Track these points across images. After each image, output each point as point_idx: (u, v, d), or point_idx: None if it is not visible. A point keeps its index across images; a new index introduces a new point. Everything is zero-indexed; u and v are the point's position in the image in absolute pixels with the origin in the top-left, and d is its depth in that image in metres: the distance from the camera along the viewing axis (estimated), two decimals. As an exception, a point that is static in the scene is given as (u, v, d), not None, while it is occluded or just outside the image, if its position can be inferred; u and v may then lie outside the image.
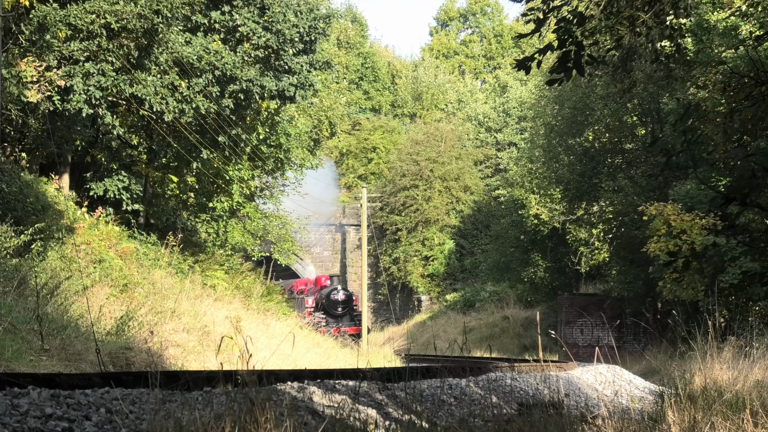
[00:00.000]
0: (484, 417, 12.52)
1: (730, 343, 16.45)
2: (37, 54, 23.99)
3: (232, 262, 35.34)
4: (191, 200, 32.95)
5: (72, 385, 8.75)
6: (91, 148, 29.61)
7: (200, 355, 20.08)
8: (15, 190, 22.80)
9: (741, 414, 9.62)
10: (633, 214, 39.19)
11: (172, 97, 26.48)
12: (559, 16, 9.81)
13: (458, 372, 17.34)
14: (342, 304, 49.17)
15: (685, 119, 15.17)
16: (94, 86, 25.16)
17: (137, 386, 9.25)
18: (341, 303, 49.12)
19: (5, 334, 14.42)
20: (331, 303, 49.14)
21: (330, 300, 49.29)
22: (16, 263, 18.72)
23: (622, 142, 45.52)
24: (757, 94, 9.15)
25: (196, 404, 8.77)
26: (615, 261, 44.93)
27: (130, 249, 25.90)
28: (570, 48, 9.61)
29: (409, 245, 71.34)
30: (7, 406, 7.53)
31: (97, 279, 21.79)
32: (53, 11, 24.15)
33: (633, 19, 10.68)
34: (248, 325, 25.33)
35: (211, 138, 29.31)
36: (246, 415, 7.72)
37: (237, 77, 28.14)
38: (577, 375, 22.75)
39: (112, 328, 18.45)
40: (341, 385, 12.04)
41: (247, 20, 29.69)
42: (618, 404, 13.98)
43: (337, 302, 49.03)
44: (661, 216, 32.24)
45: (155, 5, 25.00)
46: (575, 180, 45.52)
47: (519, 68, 9.71)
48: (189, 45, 27.67)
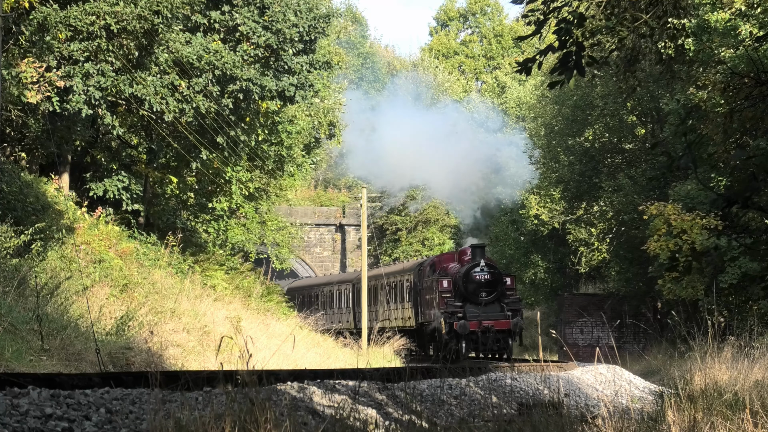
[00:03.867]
0: (484, 417, 12.57)
1: (730, 343, 16.48)
2: (37, 55, 24.06)
3: (232, 262, 35.36)
4: (191, 200, 32.98)
5: (72, 385, 8.78)
6: (91, 149, 29.66)
7: (200, 355, 20.16)
8: (15, 190, 22.82)
9: (741, 414, 9.64)
10: (633, 214, 39.29)
11: (172, 97, 26.55)
12: (560, 17, 9.87)
13: (458, 372, 17.34)
14: (486, 287, 35.40)
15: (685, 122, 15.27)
16: (93, 87, 25.24)
17: (137, 386, 9.30)
18: (485, 285, 35.37)
19: (5, 334, 14.47)
20: (471, 285, 35.46)
21: (469, 279, 35.52)
22: (16, 263, 18.75)
23: (621, 142, 45.58)
24: (757, 94, 9.27)
25: (196, 404, 8.82)
26: (615, 261, 44.97)
27: (130, 249, 25.93)
28: (570, 49, 9.66)
29: (409, 245, 71.37)
30: (7, 406, 7.56)
31: (97, 279, 21.81)
32: (53, 12, 24.21)
33: (634, 19, 10.71)
34: (248, 325, 25.37)
35: (211, 138, 29.34)
36: (246, 415, 7.78)
37: (237, 77, 28.19)
38: (577, 375, 22.85)
39: (112, 328, 18.50)
40: (341, 385, 12.15)
41: (247, 20, 29.74)
42: (618, 404, 13.80)
43: (480, 284, 35.34)
44: (662, 216, 32.32)
45: (155, 6, 25.05)
46: (575, 180, 45.57)
47: (520, 71, 9.84)
48: (189, 45, 27.71)
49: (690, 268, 19.83)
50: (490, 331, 34.21)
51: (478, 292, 35.06)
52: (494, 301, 35.27)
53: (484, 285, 35.15)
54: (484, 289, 35.14)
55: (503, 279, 36.06)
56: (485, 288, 35.13)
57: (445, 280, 36.68)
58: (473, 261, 35.97)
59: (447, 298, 35.88)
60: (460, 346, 33.91)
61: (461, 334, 34.03)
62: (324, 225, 73.17)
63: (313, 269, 71.50)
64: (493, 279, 35.41)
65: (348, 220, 73.47)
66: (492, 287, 35.20)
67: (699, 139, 15.66)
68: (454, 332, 34.17)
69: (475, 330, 34.04)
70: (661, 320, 38.80)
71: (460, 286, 35.31)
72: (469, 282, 35.22)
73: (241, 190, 34.38)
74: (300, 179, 44.80)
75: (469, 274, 35.37)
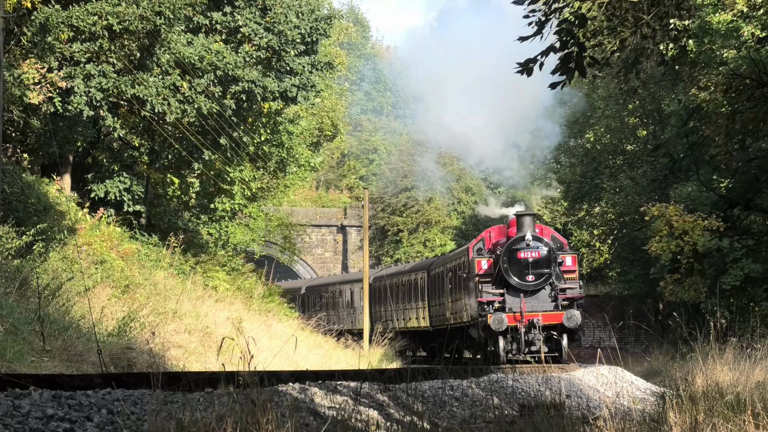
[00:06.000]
0: (486, 418, 12.63)
1: (732, 344, 16.51)
2: (39, 56, 24.09)
3: (233, 263, 35.40)
4: (192, 201, 33.03)
5: (73, 386, 8.81)
6: (93, 149, 29.72)
7: (202, 356, 20.33)
8: (17, 191, 22.88)
9: (742, 415, 9.68)
10: (634, 215, 39.31)
11: (174, 98, 26.66)
12: (561, 18, 9.88)
13: (460, 373, 17.37)
14: (535, 268, 28.42)
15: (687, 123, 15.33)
16: (95, 88, 25.36)
17: (139, 387, 9.34)
18: (533, 265, 28.40)
19: (7, 335, 14.55)
20: (514, 266, 28.51)
21: (512, 259, 28.55)
22: (17, 264, 18.80)
23: (623, 143, 45.68)
24: (759, 95, 9.27)
25: (198, 405, 8.87)
26: (616, 262, 45.02)
27: (131, 250, 26.01)
28: (572, 49, 9.67)
29: (410, 246, 71.43)
30: (8, 407, 7.59)
31: (98, 280, 21.86)
32: (55, 13, 24.27)
33: (636, 20, 10.71)
34: (250, 326, 25.47)
35: (213, 139, 29.41)
36: (247, 416, 7.83)
37: (239, 78, 28.27)
38: (578, 376, 22.87)
39: (113, 329, 18.58)
40: (343, 386, 12.19)
41: (249, 21, 29.84)
42: (620, 405, 13.71)
43: (526, 264, 28.42)
44: (663, 217, 32.34)
45: (157, 6, 25.16)
46: (576, 181, 45.63)
47: (521, 71, 9.80)
48: (191, 46, 27.80)
49: (692, 270, 19.78)
50: (536, 327, 27.52)
51: (523, 274, 28.15)
52: (544, 287, 28.39)
53: (532, 265, 28.15)
54: (531, 270, 28.16)
55: (558, 258, 28.78)
56: (533, 270, 28.16)
57: (485, 260, 29.69)
58: (518, 233, 28.65)
59: (484, 283, 29.02)
60: (496, 347, 27.89)
61: (496, 331, 27.76)
62: (326, 226, 73.32)
63: (314, 270, 71.62)
64: (544, 257, 28.26)
65: (350, 221, 73.60)
66: (542, 268, 28.19)
67: (701, 141, 15.68)
68: (487, 328, 27.81)
69: (515, 325, 27.64)
70: (663, 322, 38.88)
71: (501, 267, 28.50)
72: (511, 262, 28.30)
73: (243, 190, 34.45)
74: (302, 178, 44.69)
75: (512, 250, 28.40)
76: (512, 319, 27.56)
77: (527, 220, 28.97)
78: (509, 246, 28.51)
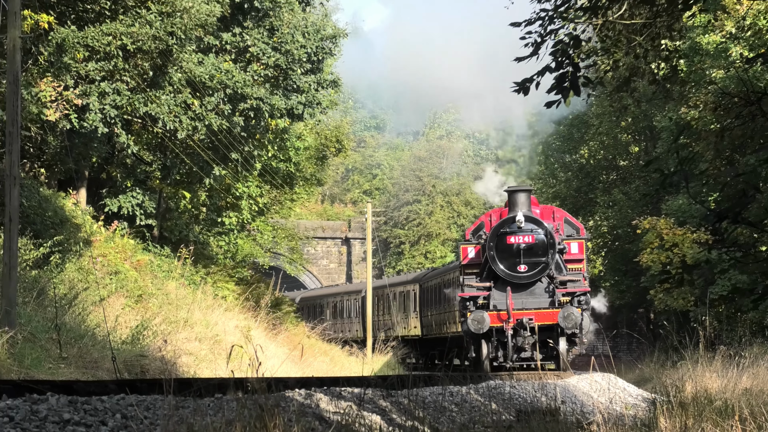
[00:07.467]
0: (485, 423, 12.95)
1: (720, 352, 16.98)
2: (55, 74, 24.45)
3: (242, 273, 35.78)
4: (203, 215, 33.29)
5: (89, 392, 8.88)
6: (107, 165, 29.82)
7: (212, 363, 20.47)
8: (34, 204, 22.91)
9: (730, 420, 9.95)
10: (627, 228, 39.73)
11: (185, 115, 26.77)
12: (556, 39, 10.20)
13: (459, 380, 17.37)
14: (527, 256, 23.32)
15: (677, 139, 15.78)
16: (109, 105, 25.36)
17: (151, 393, 9.39)
18: (525, 252, 23.29)
19: (25, 342, 14.68)
20: (503, 252, 23.53)
21: (500, 245, 23.55)
22: (35, 275, 19.00)
23: (616, 159, 46.25)
24: (747, 113, 9.15)
25: (208, 410, 8.90)
26: (609, 273, 45.45)
27: (144, 261, 26.21)
28: (567, 69, 9.93)
29: (412, 258, 72.01)
30: (26, 412, 7.76)
31: (113, 290, 22.06)
32: (71, 33, 24.50)
33: (629, 41, 11.05)
34: (258, 334, 25.69)
35: (223, 155, 29.88)
36: (256, 420, 8.09)
37: (247, 95, 28.73)
38: (573, 383, 22.73)
39: (127, 337, 18.74)
40: (347, 392, 12.17)
41: (257, 41, 30.27)
42: (612, 411, 14.10)
43: (518, 251, 23.24)
44: (655, 229, 32.78)
45: (169, 27, 25.46)
46: (571, 195, 46.14)
47: (518, 90, 10.06)
48: (201, 65, 28.20)
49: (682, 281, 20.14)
50: (525, 328, 22.95)
51: (514, 264, 23.25)
52: (540, 279, 23.38)
53: (524, 252, 23.12)
54: (523, 259, 23.20)
55: (557, 243, 23.56)
56: (525, 258, 23.17)
57: (471, 247, 24.65)
58: (509, 214, 23.67)
59: (469, 275, 24.26)
60: (479, 352, 23.89)
61: (476, 333, 23.40)
62: (330, 238, 73.95)
63: (320, 280, 72.28)
64: (540, 243, 23.15)
65: (354, 233, 74.17)
66: (537, 256, 23.17)
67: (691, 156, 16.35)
68: (468, 330, 23.53)
69: (501, 326, 23.07)
70: (654, 330, 39.28)
71: (488, 255, 23.56)
72: (499, 248, 23.34)
73: (251, 205, 34.78)
74: (309, 192, 45.02)
75: (500, 234, 23.37)
76: (496, 318, 23.21)
77: (521, 197, 23.82)
78: (496, 229, 23.55)
